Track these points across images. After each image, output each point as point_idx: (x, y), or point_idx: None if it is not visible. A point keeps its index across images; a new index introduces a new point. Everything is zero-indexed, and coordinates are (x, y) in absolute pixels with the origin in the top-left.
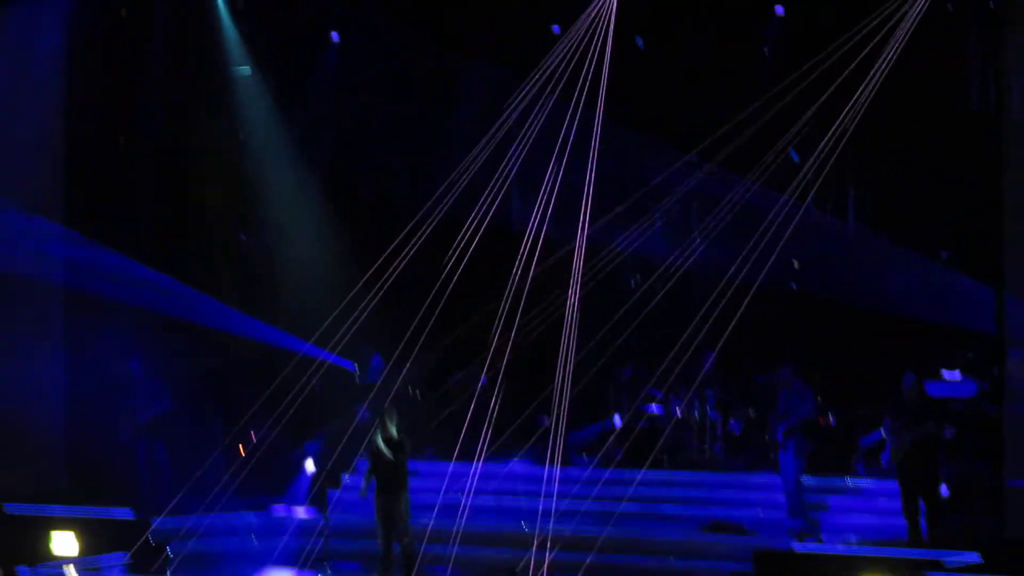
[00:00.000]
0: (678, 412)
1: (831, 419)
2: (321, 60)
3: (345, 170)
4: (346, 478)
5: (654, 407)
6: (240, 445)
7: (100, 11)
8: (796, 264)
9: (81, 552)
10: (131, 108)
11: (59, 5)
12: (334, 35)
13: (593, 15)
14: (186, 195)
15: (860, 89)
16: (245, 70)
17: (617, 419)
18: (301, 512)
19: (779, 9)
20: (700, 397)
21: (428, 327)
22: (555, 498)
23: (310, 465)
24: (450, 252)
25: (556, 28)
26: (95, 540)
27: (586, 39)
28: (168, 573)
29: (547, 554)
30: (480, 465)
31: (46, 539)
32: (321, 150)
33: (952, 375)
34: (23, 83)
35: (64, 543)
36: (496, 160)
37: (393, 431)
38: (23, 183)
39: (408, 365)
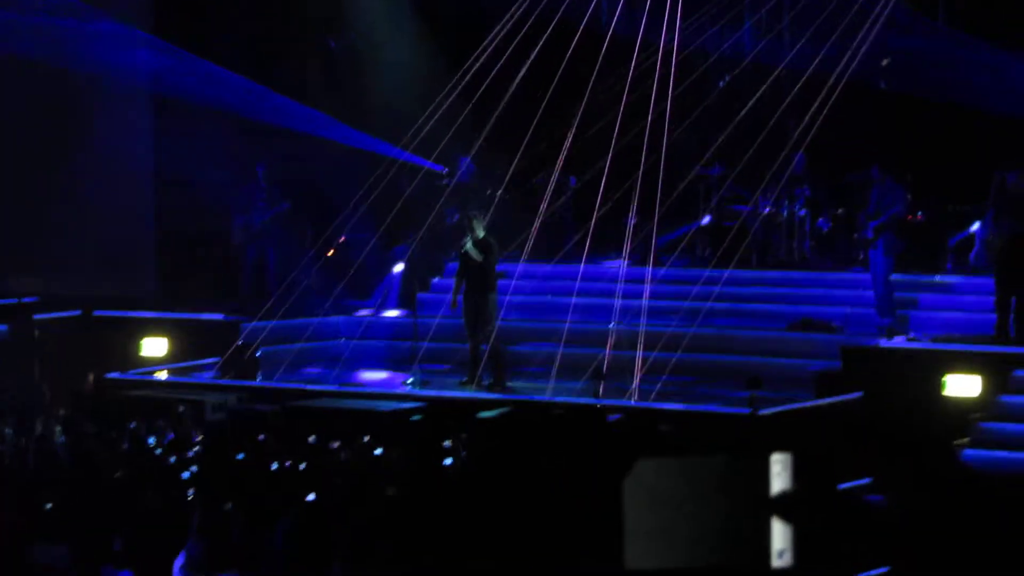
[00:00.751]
0: (766, 210)
1: (920, 215)
2: None
3: None
4: (435, 281)
5: (742, 205)
6: (330, 248)
7: None
8: (885, 62)
9: (171, 356)
10: None
11: None
12: None
13: None
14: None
15: None
16: None
17: (706, 218)
18: (391, 314)
19: None
20: (789, 195)
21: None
22: (645, 298)
23: (398, 267)
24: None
25: None
26: (185, 344)
27: None
28: (258, 375)
29: (639, 354)
30: (571, 266)
31: (136, 344)
32: None
33: None
34: None
35: (154, 347)
36: None
37: (480, 232)
38: None
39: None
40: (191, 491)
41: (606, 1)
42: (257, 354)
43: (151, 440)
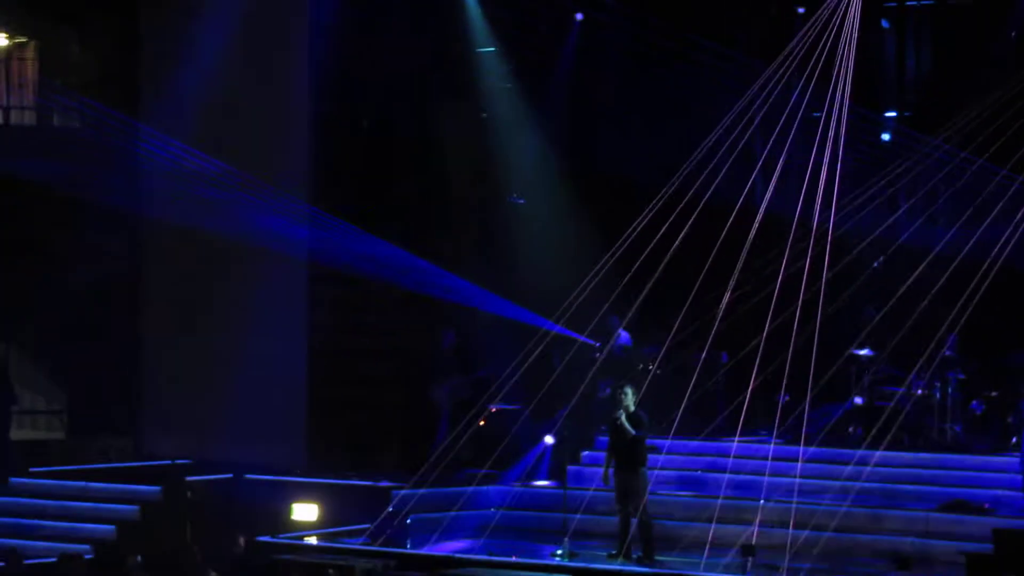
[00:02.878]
0: (919, 391)
1: None
2: (563, 39)
3: (586, 148)
4: (585, 453)
5: (895, 386)
6: (482, 418)
7: None
8: None
9: (321, 521)
10: (374, 87)
11: None
12: (577, 14)
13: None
14: (428, 173)
15: None
16: (488, 49)
17: (858, 398)
18: (541, 485)
19: None
20: (942, 377)
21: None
22: (797, 476)
23: (549, 439)
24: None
25: (801, 9)
26: (336, 509)
27: (832, 20)
28: (407, 542)
29: (790, 532)
30: (721, 442)
31: (287, 508)
32: (562, 129)
33: None
34: (270, 64)
35: (305, 512)
36: (739, 141)
37: (632, 406)
38: (271, 162)
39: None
40: None
41: (760, 179)
42: (407, 521)
43: None
